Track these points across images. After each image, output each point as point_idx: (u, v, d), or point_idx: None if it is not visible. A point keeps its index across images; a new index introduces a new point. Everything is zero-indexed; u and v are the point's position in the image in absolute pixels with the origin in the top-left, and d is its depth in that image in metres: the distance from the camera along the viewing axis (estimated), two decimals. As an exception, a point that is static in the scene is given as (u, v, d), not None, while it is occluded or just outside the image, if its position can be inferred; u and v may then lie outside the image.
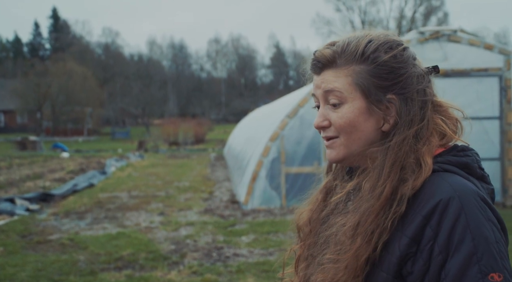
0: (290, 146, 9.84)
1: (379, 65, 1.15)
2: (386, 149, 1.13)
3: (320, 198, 1.32)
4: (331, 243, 1.17)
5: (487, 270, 0.99)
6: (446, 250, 1.01)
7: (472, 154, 1.17)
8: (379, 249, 1.08)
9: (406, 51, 1.18)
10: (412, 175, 1.09)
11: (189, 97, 71.62)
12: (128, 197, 11.64)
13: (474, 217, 1.02)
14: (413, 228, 1.05)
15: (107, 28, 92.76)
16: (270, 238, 7.38)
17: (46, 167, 18.85)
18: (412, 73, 1.16)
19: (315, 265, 1.21)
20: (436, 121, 1.16)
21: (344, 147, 1.19)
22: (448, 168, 1.11)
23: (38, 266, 6.10)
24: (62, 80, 50.08)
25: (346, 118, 1.16)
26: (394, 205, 1.08)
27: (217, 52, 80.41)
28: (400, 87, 1.14)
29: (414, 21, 53.63)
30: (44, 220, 8.99)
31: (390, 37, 1.19)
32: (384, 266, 1.08)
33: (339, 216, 1.19)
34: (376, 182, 1.12)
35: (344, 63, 1.17)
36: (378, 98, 1.15)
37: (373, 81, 1.15)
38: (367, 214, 1.10)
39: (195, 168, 19.02)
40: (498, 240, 1.03)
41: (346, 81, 1.16)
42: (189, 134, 36.83)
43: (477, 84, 9.56)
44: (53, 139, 43.60)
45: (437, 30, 9.65)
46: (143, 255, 6.53)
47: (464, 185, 1.07)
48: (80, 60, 59.59)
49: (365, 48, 1.16)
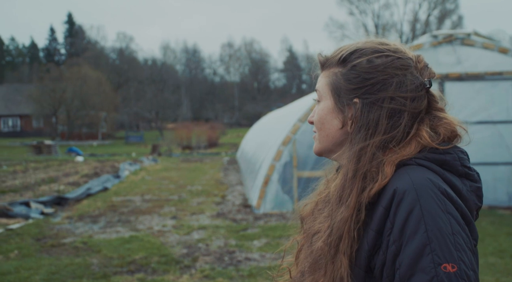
0: (302, 150, 9.83)
1: (350, 68, 1.20)
2: (349, 154, 1.17)
3: (322, 190, 1.36)
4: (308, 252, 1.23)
5: (440, 260, 1.00)
6: (399, 239, 1.03)
7: (453, 152, 1.16)
8: (354, 257, 1.11)
9: (385, 58, 1.17)
10: (371, 183, 1.12)
11: (202, 101, 71.91)
12: (141, 201, 11.70)
13: (430, 208, 1.03)
14: (376, 220, 1.08)
15: (121, 33, 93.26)
16: (282, 242, 7.37)
17: (61, 171, 19.03)
18: (384, 81, 1.16)
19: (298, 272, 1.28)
20: (420, 133, 1.16)
21: (319, 142, 1.29)
22: (422, 163, 1.12)
23: (52, 269, 6.15)
24: (77, 85, 50.64)
25: (318, 114, 1.26)
26: (355, 214, 1.11)
27: (230, 56, 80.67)
28: (365, 92, 1.17)
29: (428, 24, 53.31)
30: (58, 224, 9.08)
31: (374, 45, 1.21)
32: (357, 261, 1.11)
33: (317, 223, 1.24)
34: (342, 190, 1.15)
35: (328, 66, 1.26)
36: (343, 100, 1.21)
37: (343, 83, 1.21)
38: (339, 224, 1.12)
39: (208, 172, 19.07)
40: (455, 231, 1.03)
41: (324, 82, 1.26)
42: (202, 138, 36.97)
43: (492, 88, 9.48)
44: (68, 143, 44.01)
45: (451, 34, 9.59)
46: (156, 259, 6.56)
47: (424, 178, 1.07)
48: (95, 65, 60.19)
49: (346, 53, 1.22)
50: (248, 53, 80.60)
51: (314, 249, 1.19)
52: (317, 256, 1.17)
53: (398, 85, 1.16)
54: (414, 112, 1.17)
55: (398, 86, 1.16)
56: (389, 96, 1.16)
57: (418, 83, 1.18)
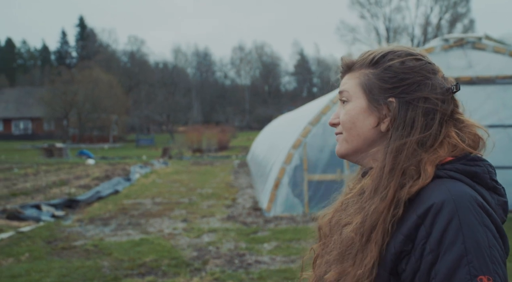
0: (312, 153, 9.82)
1: (385, 69, 1.23)
2: (386, 151, 1.19)
3: (340, 200, 1.37)
4: (337, 242, 1.23)
5: (476, 272, 1.01)
6: (437, 249, 1.04)
7: (483, 165, 1.18)
8: (384, 251, 1.12)
9: (417, 62, 1.23)
10: (410, 181, 1.14)
11: (213, 104, 72.04)
12: (151, 204, 11.74)
13: (468, 220, 1.04)
14: (407, 226, 1.10)
15: (133, 36, 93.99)
16: (292, 245, 7.37)
17: (72, 174, 19.16)
18: (419, 82, 1.20)
19: (323, 264, 1.28)
20: (450, 134, 1.19)
21: (346, 142, 1.28)
22: (454, 175, 1.14)
23: (63, 272, 6.19)
24: (88, 88, 50.93)
25: (348, 114, 1.27)
26: (392, 208, 1.13)
27: (241, 59, 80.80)
28: (401, 91, 1.20)
29: (440, 28, 53.02)
30: (69, 226, 9.13)
31: (406, 49, 1.26)
32: (381, 263, 1.12)
33: (346, 215, 1.25)
34: (378, 182, 1.17)
35: (358, 68, 1.29)
36: (378, 99, 1.23)
37: (376, 83, 1.23)
38: (373, 214, 1.14)
39: (219, 175, 19.09)
40: (491, 245, 1.04)
41: (354, 82, 1.28)
42: (212, 141, 37.02)
43: (503, 92, 9.42)
44: (79, 146, 44.28)
45: (462, 38, 9.55)
46: (166, 262, 6.58)
47: (462, 190, 1.09)
48: (106, 68, 60.56)
49: (376, 55, 1.26)
50: (259, 56, 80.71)
51: (343, 239, 1.20)
52: (347, 246, 1.19)
53: (432, 87, 1.21)
54: (444, 114, 1.20)
55: (432, 88, 1.20)
56: (424, 97, 1.19)
57: (446, 87, 1.23)
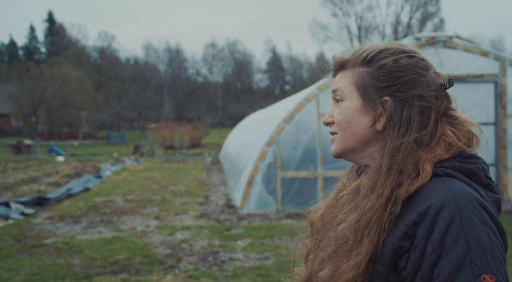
0: (286, 151, 9.85)
1: (378, 67, 1.22)
2: (382, 150, 1.19)
3: (333, 196, 1.37)
4: (332, 240, 1.22)
5: (479, 271, 1.02)
6: (439, 249, 1.05)
7: (478, 162, 1.19)
8: (380, 248, 1.12)
9: (410, 59, 1.22)
10: (408, 179, 1.14)
11: (185, 101, 71.59)
12: (123, 201, 11.61)
13: (469, 219, 1.05)
14: (406, 223, 1.10)
15: (103, 32, 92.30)
16: (266, 242, 7.38)
17: (41, 171, 18.79)
18: (413, 79, 1.20)
19: (317, 260, 1.27)
20: (445, 132, 1.20)
21: (341, 142, 1.27)
22: (451, 173, 1.14)
23: (33, 270, 6.07)
24: (58, 84, 50.03)
25: (343, 114, 1.26)
26: (389, 206, 1.12)
27: (213, 56, 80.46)
28: (396, 90, 1.20)
29: (410, 27, 53.81)
30: (39, 224, 8.96)
31: (399, 46, 1.26)
32: (379, 259, 1.13)
33: (342, 213, 1.24)
34: (376, 181, 1.17)
35: (351, 66, 1.27)
36: (373, 98, 1.22)
37: (370, 82, 1.22)
38: (368, 212, 1.14)
39: (191, 172, 19.00)
40: (493, 243, 1.06)
41: (347, 81, 1.26)
42: (185, 138, 36.81)
43: (473, 90, 9.60)
44: (48, 143, 43.47)
45: (433, 36, 9.70)
46: (139, 259, 6.51)
47: (462, 189, 1.10)
48: (76, 64, 59.50)
49: (369, 53, 1.24)
50: (231, 53, 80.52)
51: (338, 236, 1.20)
52: (342, 243, 1.18)
53: (426, 84, 1.21)
54: (439, 111, 1.21)
55: (426, 85, 1.20)
56: (419, 94, 1.19)
57: (439, 84, 1.23)
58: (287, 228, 8.22)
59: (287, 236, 7.69)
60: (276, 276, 5.69)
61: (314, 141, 9.74)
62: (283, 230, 8.05)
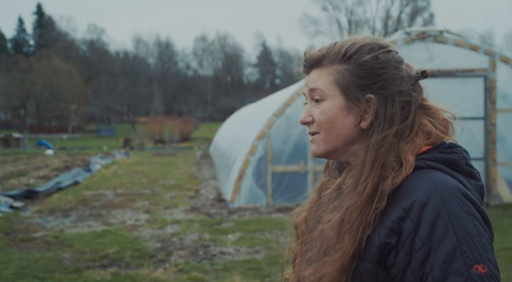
0: (276, 145, 9.85)
1: (359, 65, 1.20)
2: (367, 147, 1.18)
3: (315, 196, 1.36)
4: (317, 239, 1.21)
5: (471, 262, 1.03)
6: (428, 244, 1.05)
7: (459, 151, 1.19)
8: (363, 244, 1.12)
9: (389, 54, 1.21)
10: (392, 172, 1.13)
11: (175, 95, 71.34)
12: (113, 195, 11.56)
13: (455, 211, 1.06)
14: (391, 218, 1.10)
15: (92, 24, 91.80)
16: (256, 236, 7.39)
17: (30, 164, 18.66)
18: (393, 75, 1.19)
19: (304, 262, 1.25)
20: (423, 122, 1.20)
21: (324, 142, 1.24)
22: (433, 165, 1.14)
23: (23, 264, 6.03)
24: (47, 77, 49.65)
25: (326, 114, 1.22)
26: (375, 201, 1.12)
27: (203, 50, 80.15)
28: (379, 87, 1.19)
29: (400, 21, 53.99)
30: (28, 218, 8.90)
31: (374, 41, 1.24)
32: (367, 256, 1.12)
33: (326, 213, 1.23)
34: (358, 179, 1.16)
35: (328, 63, 1.23)
36: (356, 96, 1.20)
37: (352, 80, 1.20)
38: (351, 210, 1.14)
39: (181, 166, 18.96)
40: (480, 233, 1.06)
41: (327, 80, 1.22)
42: (175, 132, 36.73)
43: (463, 85, 9.65)
44: (37, 136, 43.17)
45: (424, 31, 9.73)
46: (129, 253, 6.49)
47: (445, 181, 1.10)
48: (65, 57, 59.03)
49: (347, 49, 1.21)
50: (221, 47, 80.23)
51: (323, 236, 1.19)
52: (327, 241, 1.18)
53: (403, 78, 1.21)
54: (416, 103, 1.21)
55: (403, 80, 1.20)
56: (399, 90, 1.19)
57: (414, 76, 1.23)
58: (277, 221, 8.24)
59: (278, 230, 7.70)
60: (266, 270, 5.70)
61: (305, 135, 9.73)
62: (273, 224, 8.07)
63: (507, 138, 10.03)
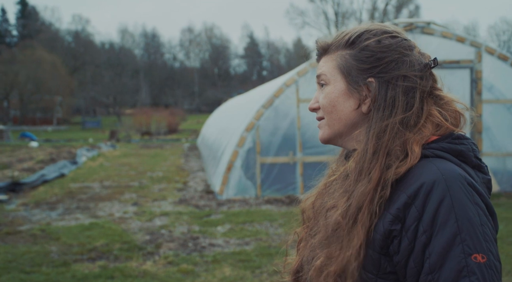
0: (265, 136, 9.83)
1: (361, 49, 1.20)
2: (368, 132, 1.17)
3: (323, 183, 1.35)
4: (323, 225, 1.20)
5: (470, 250, 1.01)
6: (430, 229, 1.04)
7: (468, 143, 1.18)
8: (371, 233, 1.11)
9: (393, 39, 1.20)
10: (396, 161, 1.12)
11: (162, 86, 70.89)
12: (100, 187, 11.47)
13: (460, 199, 1.04)
14: (396, 205, 1.08)
15: (77, 15, 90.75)
16: (245, 227, 7.38)
17: (14, 157, 18.44)
18: (397, 59, 1.18)
19: (308, 248, 1.26)
20: (432, 113, 1.18)
21: (328, 127, 1.26)
22: (441, 154, 1.13)
23: (9, 258, 5.96)
24: (31, 68, 49.02)
25: (328, 98, 1.24)
26: (379, 190, 1.11)
27: (190, 41, 79.70)
28: (379, 71, 1.18)
29: (386, 13, 54.08)
30: (13, 211, 8.80)
31: (381, 27, 1.24)
32: (371, 244, 1.11)
33: (332, 199, 1.23)
34: (362, 165, 1.15)
35: (333, 50, 1.26)
36: (357, 80, 1.20)
37: (353, 64, 1.21)
38: (359, 197, 1.12)
39: (169, 158, 18.87)
40: (483, 222, 1.05)
41: (331, 65, 1.25)
42: (162, 124, 36.55)
43: (449, 76, 9.48)
44: (21, 128, 42.69)
45: (411, 22, 9.73)
46: (118, 246, 6.44)
47: (452, 170, 1.09)
48: (49, 48, 58.28)
49: (351, 35, 1.22)
50: (208, 38, 79.82)
51: (329, 223, 1.17)
52: (333, 230, 1.16)
53: (410, 64, 1.19)
54: (424, 91, 1.19)
55: (410, 65, 1.18)
56: (403, 75, 1.17)
57: (424, 63, 1.21)
58: (266, 213, 8.23)
59: (267, 221, 7.69)
60: (257, 261, 5.69)
61: (293, 127, 9.73)
62: (262, 215, 8.06)
63: (492, 129, 10.11)
